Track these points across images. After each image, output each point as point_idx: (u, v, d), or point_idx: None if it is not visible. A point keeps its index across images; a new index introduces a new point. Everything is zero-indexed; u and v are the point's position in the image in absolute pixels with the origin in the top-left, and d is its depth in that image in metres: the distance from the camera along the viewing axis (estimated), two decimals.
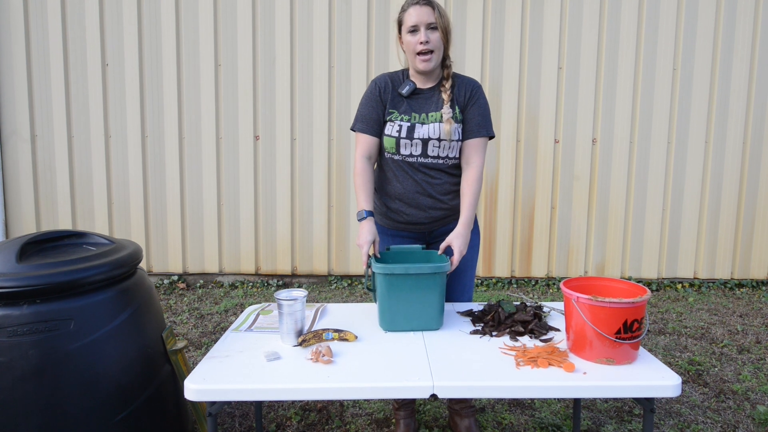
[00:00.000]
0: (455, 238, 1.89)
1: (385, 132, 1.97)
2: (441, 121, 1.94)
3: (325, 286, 4.41)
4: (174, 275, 4.41)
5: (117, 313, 1.73)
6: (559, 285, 4.42)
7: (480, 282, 4.46)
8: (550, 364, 1.52)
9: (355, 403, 2.52)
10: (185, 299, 4.08)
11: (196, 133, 4.29)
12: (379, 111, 1.98)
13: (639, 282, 4.39)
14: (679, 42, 4.25)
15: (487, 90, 4.25)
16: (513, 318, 1.83)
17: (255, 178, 4.34)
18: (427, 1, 1.89)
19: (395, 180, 2.01)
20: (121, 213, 4.34)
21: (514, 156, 4.34)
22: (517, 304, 1.95)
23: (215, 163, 4.31)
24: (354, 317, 1.95)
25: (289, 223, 4.39)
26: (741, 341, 3.30)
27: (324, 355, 1.55)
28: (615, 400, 2.55)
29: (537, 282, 4.48)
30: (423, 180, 1.98)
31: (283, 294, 1.72)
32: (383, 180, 2.05)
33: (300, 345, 1.67)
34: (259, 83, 4.26)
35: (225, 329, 3.42)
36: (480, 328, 1.81)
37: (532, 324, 1.79)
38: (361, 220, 1.90)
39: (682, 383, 2.72)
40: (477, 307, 2.03)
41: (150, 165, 4.31)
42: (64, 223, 4.32)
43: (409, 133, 1.94)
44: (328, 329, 1.72)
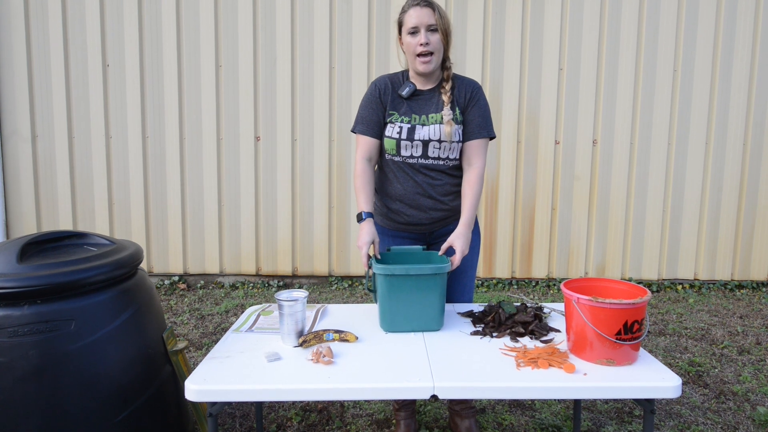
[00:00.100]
0: (457, 239, 1.90)
1: (386, 134, 1.97)
2: (441, 123, 1.94)
3: (325, 287, 4.41)
4: (175, 276, 4.41)
5: (118, 313, 1.73)
6: (559, 286, 4.42)
7: (480, 283, 4.46)
8: (550, 365, 1.52)
9: (356, 403, 2.52)
10: (186, 300, 4.08)
11: (196, 134, 4.29)
12: (379, 113, 1.98)
13: (639, 283, 4.38)
14: (680, 43, 4.25)
15: (487, 91, 4.25)
16: (513, 319, 1.83)
17: (256, 178, 4.34)
18: (427, 3, 1.89)
19: (396, 181, 2.01)
20: (122, 213, 4.34)
21: (515, 157, 4.35)
22: (518, 305, 1.95)
23: (216, 163, 4.32)
24: (354, 318, 1.95)
25: (289, 224, 4.39)
26: (741, 342, 3.30)
27: (324, 356, 1.55)
28: (615, 401, 2.55)
29: (537, 283, 4.48)
30: (424, 181, 1.98)
31: (283, 295, 1.72)
32: (384, 181, 2.05)
33: (300, 346, 1.67)
34: (259, 84, 4.26)
35: (225, 330, 3.42)
36: (480, 329, 1.81)
37: (533, 325, 1.79)
38: (361, 221, 1.91)
39: (683, 384, 2.71)
40: (477, 307, 2.03)
41: (151, 165, 4.31)
42: (65, 224, 4.32)
43: (410, 135, 1.94)
44: (329, 330, 1.72)
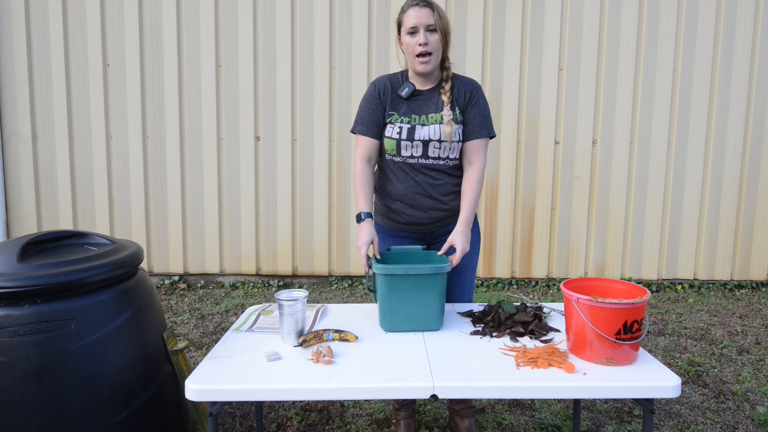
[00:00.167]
0: (456, 237, 1.90)
1: (386, 134, 1.97)
2: (441, 123, 1.94)
3: (325, 287, 4.41)
4: (175, 275, 4.42)
5: (118, 313, 1.73)
6: (559, 286, 4.42)
7: (480, 283, 4.46)
8: (550, 365, 1.52)
9: (356, 403, 2.53)
10: (186, 299, 4.09)
11: (197, 134, 4.30)
12: (379, 113, 1.99)
13: (639, 283, 4.39)
14: (680, 43, 4.26)
15: (487, 91, 4.26)
16: (513, 319, 1.83)
17: (256, 178, 4.34)
18: (426, 3, 1.88)
19: (396, 181, 2.01)
20: (122, 213, 4.34)
21: (515, 157, 4.35)
22: (518, 304, 1.95)
23: (216, 163, 4.32)
24: (354, 318, 1.95)
25: (289, 224, 4.39)
26: (741, 342, 3.30)
27: (324, 356, 1.55)
28: (615, 400, 2.55)
29: (537, 283, 4.48)
30: (424, 181, 1.99)
31: (283, 294, 1.72)
32: (384, 181, 2.05)
33: (300, 345, 1.67)
34: (260, 84, 4.27)
35: (226, 329, 3.43)
36: (480, 329, 1.82)
37: (533, 325, 1.79)
38: (360, 222, 1.91)
39: (682, 384, 2.72)
40: (477, 307, 2.03)
41: (151, 165, 4.31)
42: (65, 224, 4.32)
43: (410, 135, 1.94)
44: (329, 330, 1.73)
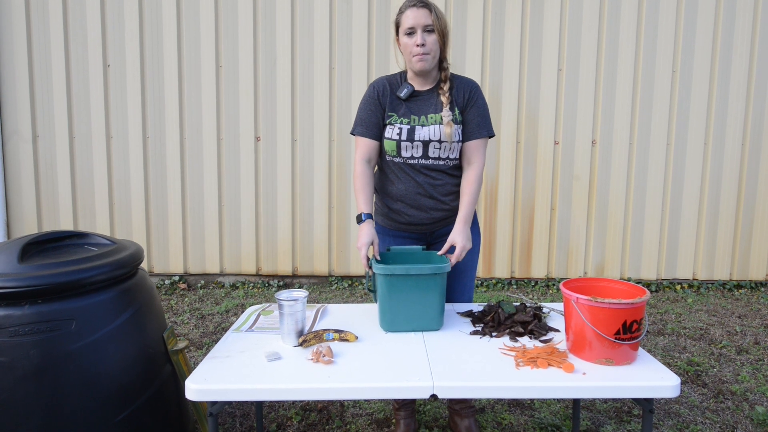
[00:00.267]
0: (457, 235, 1.90)
1: (385, 135, 1.98)
2: (441, 123, 1.94)
3: (325, 287, 4.42)
4: (175, 276, 4.42)
5: (118, 313, 1.73)
6: (558, 286, 4.42)
7: (480, 283, 4.46)
8: (549, 365, 1.52)
9: (356, 403, 2.53)
10: (186, 299, 4.09)
11: (197, 134, 4.30)
12: (378, 114, 1.99)
13: (638, 283, 4.39)
14: (679, 44, 4.26)
15: (487, 91, 4.26)
16: (513, 319, 1.84)
17: (256, 178, 4.35)
18: (424, 3, 1.89)
19: (397, 181, 2.01)
20: (123, 213, 4.34)
21: (514, 157, 4.35)
22: (517, 304, 1.96)
23: (216, 163, 4.32)
24: (354, 318, 1.95)
25: (290, 224, 4.39)
26: (740, 342, 3.31)
27: (324, 356, 1.55)
28: (614, 400, 2.56)
29: (537, 283, 4.48)
30: (424, 181, 1.99)
31: (283, 294, 1.73)
32: (385, 181, 2.05)
33: (300, 345, 1.67)
34: (260, 84, 4.27)
35: (226, 329, 3.43)
36: (480, 329, 1.82)
37: (532, 325, 1.79)
38: (361, 222, 1.91)
39: (681, 384, 2.72)
40: (477, 307, 2.03)
41: (151, 165, 4.31)
42: (66, 224, 4.32)
43: (410, 136, 1.95)
44: (329, 329, 1.73)
